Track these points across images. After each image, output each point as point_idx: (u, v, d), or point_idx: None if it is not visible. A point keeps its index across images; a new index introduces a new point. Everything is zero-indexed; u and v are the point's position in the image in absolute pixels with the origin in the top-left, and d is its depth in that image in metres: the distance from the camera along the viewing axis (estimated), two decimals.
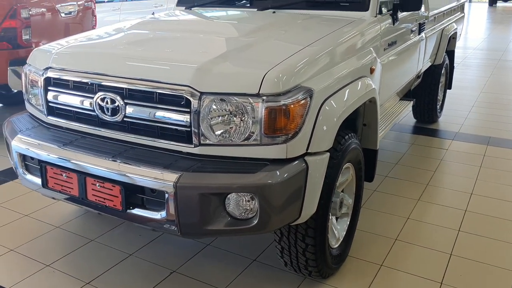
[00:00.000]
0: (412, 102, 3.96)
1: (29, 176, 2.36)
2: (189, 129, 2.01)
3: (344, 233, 2.61)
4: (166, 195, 1.91)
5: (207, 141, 1.99)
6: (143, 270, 2.58)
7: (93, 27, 5.73)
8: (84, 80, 2.24)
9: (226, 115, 1.96)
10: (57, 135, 2.35)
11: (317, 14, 2.97)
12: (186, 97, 1.98)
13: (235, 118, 1.95)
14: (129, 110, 2.13)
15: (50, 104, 2.41)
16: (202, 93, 1.96)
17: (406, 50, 3.39)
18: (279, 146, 1.94)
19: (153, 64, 2.13)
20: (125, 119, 2.15)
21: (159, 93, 2.04)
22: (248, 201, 1.94)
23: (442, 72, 4.91)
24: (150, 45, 2.44)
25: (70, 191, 2.18)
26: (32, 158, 2.34)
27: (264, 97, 1.90)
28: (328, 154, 2.09)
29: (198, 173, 1.91)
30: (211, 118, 1.97)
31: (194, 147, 2.01)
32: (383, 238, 2.92)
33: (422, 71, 4.24)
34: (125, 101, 2.13)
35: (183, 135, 2.04)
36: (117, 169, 2.00)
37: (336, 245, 2.52)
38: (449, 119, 5.39)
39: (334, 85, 2.19)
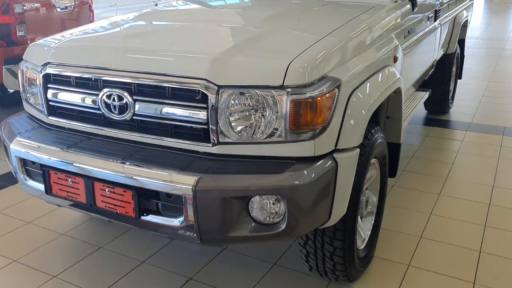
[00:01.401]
0: (428, 93, 3.79)
1: (31, 182, 2.18)
2: (206, 127, 1.83)
3: (369, 233, 2.45)
4: (184, 200, 1.74)
5: (226, 139, 1.82)
6: (158, 278, 2.42)
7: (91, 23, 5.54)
8: (88, 76, 2.06)
9: (247, 110, 1.79)
10: (59, 136, 2.17)
11: (333, 0, 2.79)
12: (202, 91, 1.80)
13: (256, 113, 1.78)
14: (139, 107, 1.95)
15: (50, 103, 2.23)
16: (220, 87, 1.78)
17: (424, 37, 3.22)
18: (306, 143, 1.77)
19: (164, 56, 1.95)
20: (134, 117, 1.98)
21: (171, 87, 1.87)
22: (274, 204, 1.77)
23: (454, 61, 4.75)
24: (158, 36, 2.26)
25: (76, 198, 2.00)
26: (33, 163, 2.16)
27: (289, 89, 1.73)
28: (358, 150, 1.93)
29: (218, 174, 1.74)
30: (230, 114, 1.79)
31: (212, 146, 1.83)
32: (407, 236, 2.76)
33: (436, 60, 4.07)
34: (134, 97, 1.95)
35: (200, 133, 1.87)
36: (128, 173, 1.83)
37: (362, 246, 2.36)
38: (461, 110, 5.23)
39: (360, 75, 2.03)
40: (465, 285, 2.34)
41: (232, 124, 1.80)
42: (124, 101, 1.97)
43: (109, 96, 2.00)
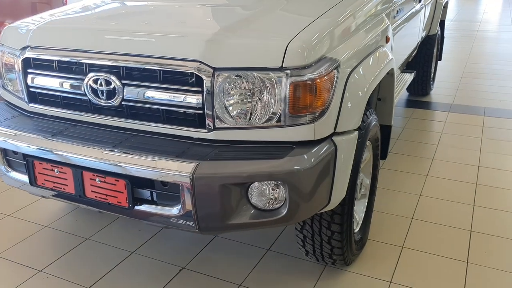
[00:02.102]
0: (413, 74, 3.79)
1: (13, 174, 2.06)
2: (201, 112, 1.76)
3: (363, 215, 2.43)
4: (181, 188, 1.67)
5: (223, 125, 1.75)
6: (149, 269, 2.35)
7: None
8: (72, 60, 1.95)
9: (244, 94, 1.72)
10: (42, 124, 2.06)
11: None
12: (196, 74, 1.72)
13: (254, 97, 1.71)
14: (128, 92, 1.85)
15: (31, 89, 2.11)
16: (215, 69, 1.70)
17: (411, 18, 3.20)
18: (306, 127, 1.72)
19: (155, 38, 1.85)
20: (123, 103, 1.88)
21: (163, 70, 1.78)
22: (273, 189, 1.72)
23: (435, 43, 4.76)
24: (145, 17, 2.14)
25: (64, 189, 1.90)
26: (15, 153, 2.04)
27: (288, 71, 1.67)
28: (356, 133, 1.89)
29: (217, 161, 1.67)
30: (227, 98, 1.72)
31: (208, 131, 1.76)
32: (398, 217, 2.76)
33: (420, 41, 4.07)
34: (123, 82, 1.85)
35: (194, 119, 1.79)
36: (121, 161, 1.74)
37: (357, 229, 2.34)
38: (441, 91, 5.28)
39: (356, 56, 1.98)
40: (459, 264, 2.35)
41: (229, 108, 1.73)
42: (112, 86, 1.87)
43: (95, 81, 1.89)
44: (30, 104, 2.12)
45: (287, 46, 1.68)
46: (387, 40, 2.41)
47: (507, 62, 6.63)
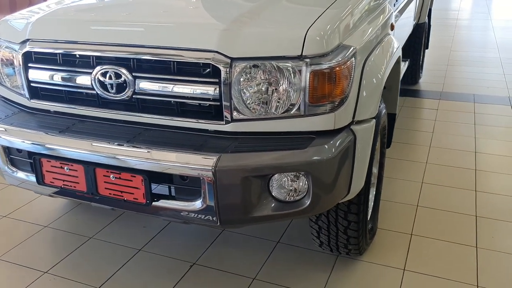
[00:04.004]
0: (407, 63, 3.80)
1: (18, 173, 1.98)
2: (217, 103, 1.71)
3: (372, 204, 2.43)
4: (202, 182, 1.62)
5: (241, 116, 1.71)
6: (159, 266, 2.30)
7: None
8: (78, 52, 1.87)
9: (262, 84, 1.68)
10: (47, 121, 1.98)
11: None
12: (213, 65, 1.67)
13: (272, 87, 1.68)
14: (139, 85, 1.79)
15: (32, 84, 2.02)
16: (232, 59, 1.66)
17: (406, 6, 3.20)
18: (326, 116, 1.69)
19: (168, 28, 1.79)
20: (134, 96, 1.81)
21: (177, 62, 1.72)
22: (294, 180, 1.69)
23: (424, 31, 4.79)
24: (157, 6, 2.06)
25: (75, 186, 1.83)
26: (19, 151, 1.96)
27: (308, 60, 1.64)
28: (374, 121, 1.87)
29: (238, 153, 1.63)
30: (245, 89, 1.68)
31: (226, 123, 1.72)
32: (404, 205, 2.78)
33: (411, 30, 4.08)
34: (134, 74, 1.79)
35: (210, 111, 1.74)
36: (138, 156, 1.68)
37: (368, 218, 2.34)
38: (429, 79, 5.33)
39: (370, 43, 1.96)
40: (468, 249, 2.38)
41: (247, 99, 1.69)
42: (122, 79, 1.80)
43: (104, 74, 1.82)
44: (31, 100, 2.04)
45: (306, 34, 1.65)
46: (392, 27, 2.40)
47: (490, 50, 6.74)
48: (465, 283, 2.14)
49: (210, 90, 1.70)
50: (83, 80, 1.88)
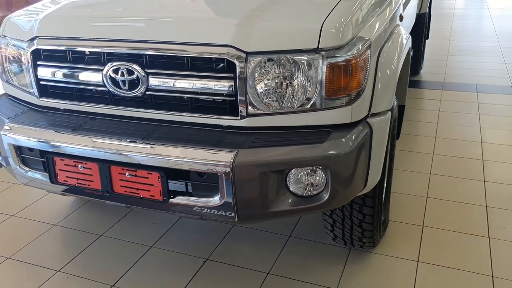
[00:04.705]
0: (411, 53, 3.78)
1: (31, 173, 1.95)
2: (233, 98, 1.69)
3: (384, 196, 2.42)
4: (220, 178, 1.61)
5: (256, 111, 1.69)
6: (172, 262, 2.29)
7: None
8: (88, 49, 1.84)
9: (278, 78, 1.66)
10: (58, 119, 1.95)
11: None
12: (228, 60, 1.65)
13: (289, 81, 1.66)
14: (152, 81, 1.77)
15: (42, 82, 1.99)
16: (248, 54, 1.64)
17: None
18: (342, 109, 1.68)
19: (181, 23, 1.76)
20: (147, 92, 1.79)
21: (191, 57, 1.70)
22: (311, 175, 1.68)
23: (425, 21, 4.78)
24: (170, 2, 2.03)
25: (89, 185, 1.82)
26: (31, 150, 1.94)
27: (324, 52, 1.62)
28: (389, 113, 1.86)
29: (256, 148, 1.62)
30: (260, 83, 1.66)
31: (241, 119, 1.70)
32: (414, 197, 2.78)
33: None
34: (147, 70, 1.77)
35: (225, 106, 1.72)
36: (153, 153, 1.66)
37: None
38: (431, 70, 5.32)
39: (383, 34, 1.94)
40: (481, 240, 2.38)
41: (263, 94, 1.67)
42: (134, 76, 1.78)
43: (116, 71, 1.80)
44: (41, 98, 2.01)
45: (322, 27, 1.63)
46: (401, 18, 2.39)
47: (489, 39, 6.74)
48: (480, 273, 2.14)
49: (224, 85, 1.68)
50: (94, 77, 1.86)
